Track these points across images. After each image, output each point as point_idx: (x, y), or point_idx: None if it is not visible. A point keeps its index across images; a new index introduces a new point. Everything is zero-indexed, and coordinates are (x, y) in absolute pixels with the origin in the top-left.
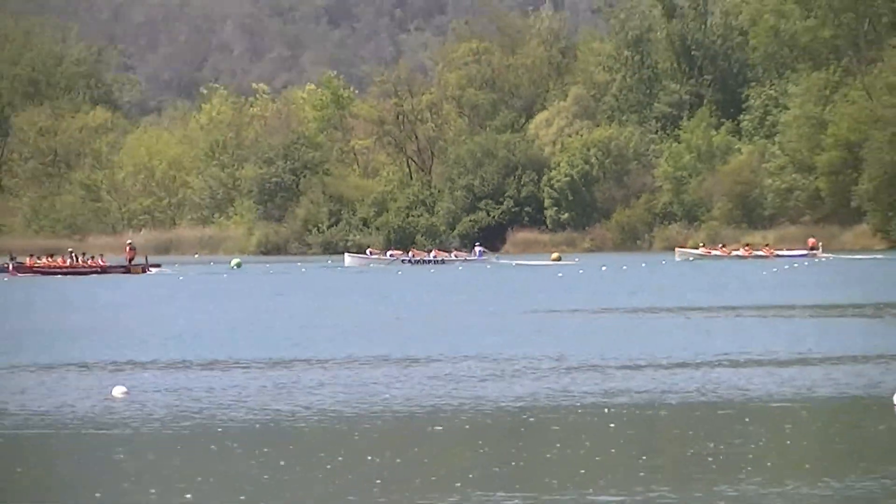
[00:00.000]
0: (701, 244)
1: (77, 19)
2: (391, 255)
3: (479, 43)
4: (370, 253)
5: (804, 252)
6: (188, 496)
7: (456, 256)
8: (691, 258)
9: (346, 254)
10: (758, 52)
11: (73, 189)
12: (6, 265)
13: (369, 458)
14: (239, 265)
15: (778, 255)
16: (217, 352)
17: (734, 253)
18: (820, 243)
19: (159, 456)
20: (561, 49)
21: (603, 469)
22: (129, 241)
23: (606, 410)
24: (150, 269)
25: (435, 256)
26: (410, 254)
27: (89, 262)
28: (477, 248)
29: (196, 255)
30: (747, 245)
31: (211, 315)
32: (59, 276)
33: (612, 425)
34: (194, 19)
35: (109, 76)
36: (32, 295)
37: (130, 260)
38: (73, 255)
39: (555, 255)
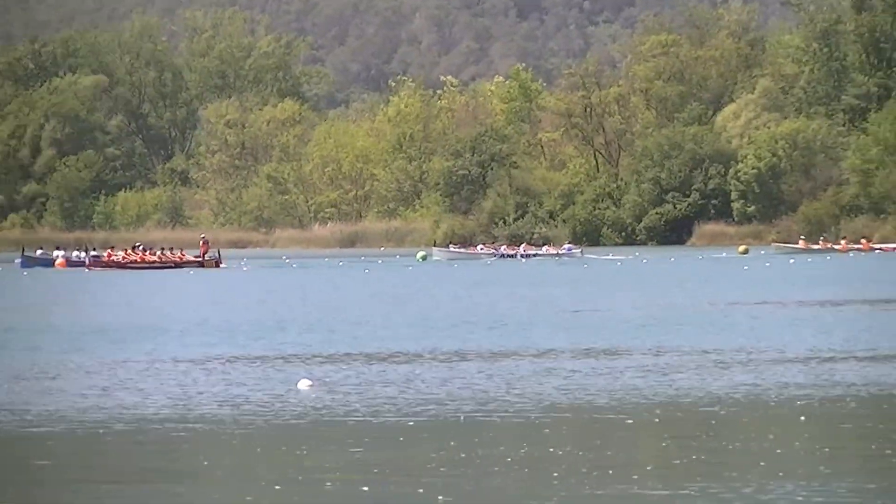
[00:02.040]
0: (801, 238)
1: (266, 11)
2: (481, 249)
3: (667, 35)
4: (458, 247)
5: None
6: (365, 488)
7: (546, 251)
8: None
9: (434, 247)
10: None
11: (260, 182)
12: (82, 258)
13: (551, 450)
14: (424, 258)
15: (874, 249)
16: (402, 343)
17: (833, 247)
18: None
19: (340, 448)
20: (750, 41)
21: (784, 462)
22: (202, 235)
23: (799, 403)
24: (223, 263)
25: (525, 251)
26: (502, 248)
27: (165, 255)
28: (566, 245)
29: (382, 248)
30: (845, 238)
31: (389, 306)
32: (137, 269)
33: (802, 418)
34: (383, 11)
35: (298, 69)
36: (160, 287)
37: (204, 254)
38: (143, 248)
39: (742, 247)
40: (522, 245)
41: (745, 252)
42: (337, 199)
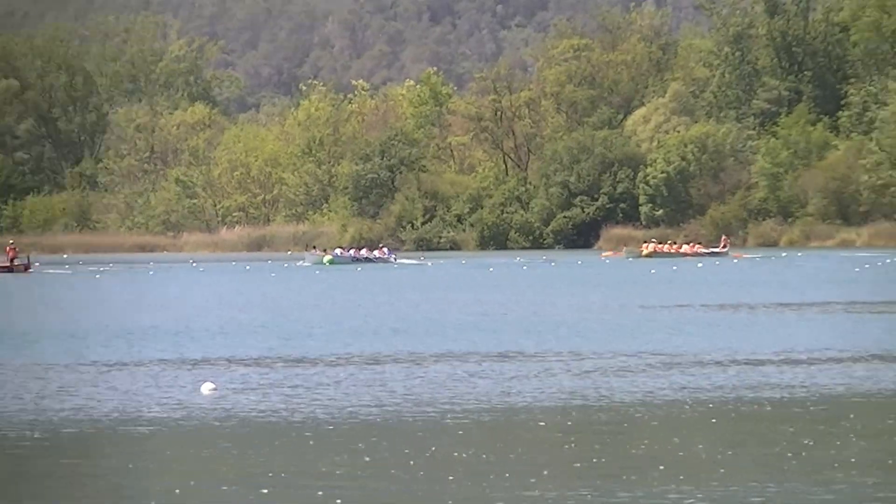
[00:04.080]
0: (654, 241)
1: (178, 15)
2: (339, 254)
3: (579, 39)
4: (315, 251)
5: (716, 250)
6: (264, 491)
7: (377, 256)
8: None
9: (306, 252)
10: (858, 48)
11: (168, 186)
12: None
13: (455, 453)
14: (331, 262)
15: (696, 254)
16: (304, 347)
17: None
18: (729, 242)
19: (242, 452)
20: (661, 45)
21: (684, 464)
22: (10, 241)
23: (711, 406)
24: (32, 267)
25: (370, 255)
26: (351, 252)
27: None
28: (385, 249)
29: (289, 252)
30: (671, 242)
31: (298, 311)
32: None
33: (713, 421)
34: (295, 16)
35: (209, 73)
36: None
37: (12, 259)
38: None
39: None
40: (363, 249)
41: (650, 255)
42: (245, 202)
